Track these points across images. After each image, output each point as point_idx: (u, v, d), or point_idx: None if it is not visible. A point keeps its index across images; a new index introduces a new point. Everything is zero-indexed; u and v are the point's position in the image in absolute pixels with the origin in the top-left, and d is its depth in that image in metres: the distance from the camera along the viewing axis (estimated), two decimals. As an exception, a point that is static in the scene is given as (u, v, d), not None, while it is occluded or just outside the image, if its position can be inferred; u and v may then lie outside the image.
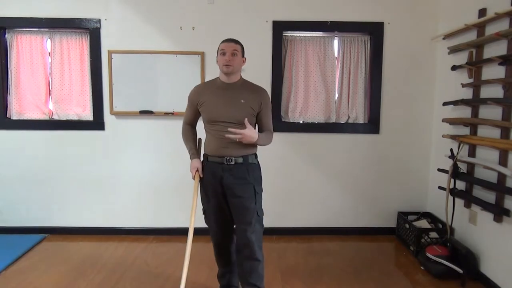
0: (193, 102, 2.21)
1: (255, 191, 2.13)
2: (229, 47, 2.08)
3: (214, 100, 2.12)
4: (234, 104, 2.10)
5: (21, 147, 3.36)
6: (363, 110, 3.46)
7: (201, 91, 2.19)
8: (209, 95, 2.15)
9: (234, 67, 2.09)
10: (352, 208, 3.51)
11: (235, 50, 2.08)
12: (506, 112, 2.40)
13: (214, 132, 2.12)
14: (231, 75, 2.13)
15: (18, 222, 3.43)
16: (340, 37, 3.38)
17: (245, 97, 2.12)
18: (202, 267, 2.83)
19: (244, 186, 2.11)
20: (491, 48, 2.59)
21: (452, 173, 2.80)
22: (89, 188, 3.42)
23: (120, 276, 2.70)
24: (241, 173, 2.11)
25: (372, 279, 2.70)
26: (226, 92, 2.13)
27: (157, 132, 3.38)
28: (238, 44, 2.12)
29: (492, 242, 2.55)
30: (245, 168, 2.12)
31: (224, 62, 2.07)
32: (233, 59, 2.07)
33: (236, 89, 2.14)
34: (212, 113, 2.11)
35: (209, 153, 2.17)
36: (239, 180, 2.10)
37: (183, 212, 3.46)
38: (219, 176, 2.11)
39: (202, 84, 2.30)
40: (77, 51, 3.35)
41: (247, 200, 2.10)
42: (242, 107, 2.10)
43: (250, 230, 2.11)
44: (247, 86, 2.19)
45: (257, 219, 2.14)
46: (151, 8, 3.27)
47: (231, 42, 2.10)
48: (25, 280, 2.63)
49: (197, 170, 2.14)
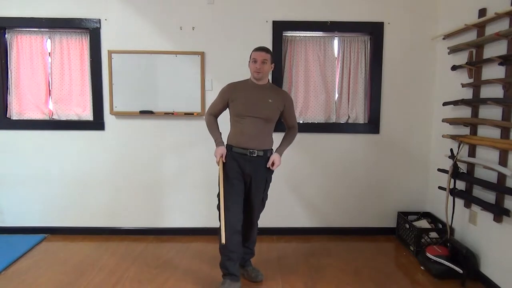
0: (225, 97, 2.48)
1: (267, 181, 2.52)
2: (260, 56, 2.38)
3: (247, 97, 2.43)
4: (263, 102, 2.42)
5: (21, 147, 3.36)
6: (363, 110, 3.46)
7: (235, 89, 2.48)
8: (242, 92, 2.44)
9: (264, 74, 2.42)
10: (352, 208, 3.51)
11: (265, 60, 2.38)
12: (506, 112, 2.40)
13: (241, 126, 2.41)
14: (260, 79, 2.45)
15: (18, 222, 3.43)
16: (340, 37, 3.39)
17: (272, 98, 2.45)
18: (202, 267, 2.84)
19: (260, 176, 2.47)
20: (491, 48, 2.59)
21: (452, 173, 2.80)
22: (89, 188, 3.42)
23: (120, 276, 2.70)
24: (260, 164, 2.45)
25: (372, 279, 2.70)
26: (257, 91, 2.45)
27: (157, 132, 3.38)
28: (268, 53, 2.40)
29: (492, 242, 2.55)
30: (264, 160, 2.46)
31: (255, 69, 2.40)
32: (262, 67, 2.39)
33: (265, 90, 2.46)
34: (244, 108, 2.41)
35: (234, 144, 2.44)
36: (257, 170, 2.44)
37: (183, 212, 3.47)
38: (242, 165, 2.42)
39: (236, 83, 2.53)
40: (77, 51, 3.35)
41: (259, 188, 2.48)
42: (270, 105, 2.43)
43: (256, 212, 2.55)
44: (274, 89, 2.53)
45: (261, 204, 2.56)
46: (151, 8, 3.27)
47: (262, 52, 2.39)
48: (25, 280, 2.63)
49: (221, 156, 2.41)
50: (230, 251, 2.43)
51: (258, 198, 2.50)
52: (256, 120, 2.39)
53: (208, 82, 3.32)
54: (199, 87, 3.31)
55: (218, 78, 3.30)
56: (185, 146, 3.41)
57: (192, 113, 3.32)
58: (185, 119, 3.37)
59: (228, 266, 2.45)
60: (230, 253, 2.44)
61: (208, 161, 3.34)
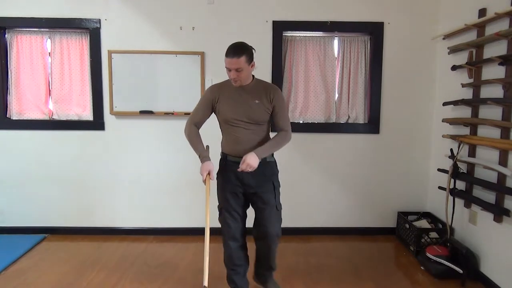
0: (210, 100, 2.22)
1: (274, 186, 2.25)
2: (233, 65, 2.04)
3: (230, 102, 2.17)
4: (249, 105, 2.16)
5: (21, 147, 3.36)
6: (363, 110, 3.46)
7: (219, 90, 2.22)
8: (226, 95, 2.19)
9: (242, 81, 2.13)
10: (352, 208, 3.51)
11: (238, 68, 2.04)
12: (506, 112, 2.40)
13: (231, 133, 2.19)
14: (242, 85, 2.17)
15: (18, 222, 3.43)
16: (340, 37, 3.39)
17: (259, 97, 2.17)
18: (202, 267, 2.82)
19: (264, 183, 2.22)
20: (491, 48, 2.59)
21: (452, 173, 2.80)
22: (89, 188, 3.42)
23: (120, 276, 2.70)
24: (260, 171, 2.16)
25: (372, 279, 2.70)
26: (241, 94, 2.17)
27: (157, 132, 3.38)
28: (241, 57, 2.02)
29: (492, 242, 2.55)
30: (263, 166, 2.19)
31: (231, 78, 2.11)
32: (239, 75, 2.07)
33: (249, 91, 2.18)
34: (229, 114, 2.16)
35: (228, 153, 2.24)
36: (258, 178, 2.19)
37: (183, 212, 3.47)
38: (239, 175, 2.17)
39: (218, 84, 2.28)
40: (77, 51, 3.35)
41: (267, 195, 2.22)
42: (257, 107, 2.16)
43: (271, 223, 2.22)
44: (260, 86, 2.22)
45: (276, 213, 2.25)
46: (151, 8, 3.27)
47: (234, 57, 2.02)
48: (26, 280, 2.63)
49: (208, 173, 2.12)
50: (235, 264, 2.32)
51: (269, 207, 2.22)
52: (246, 125, 2.15)
53: (208, 82, 3.31)
54: (199, 87, 3.31)
55: (218, 78, 3.24)
56: (184, 146, 3.38)
57: (192, 113, 3.31)
58: (185, 119, 3.29)
59: (236, 280, 2.34)
60: (236, 267, 2.32)
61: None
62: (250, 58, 2.09)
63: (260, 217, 2.25)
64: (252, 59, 2.11)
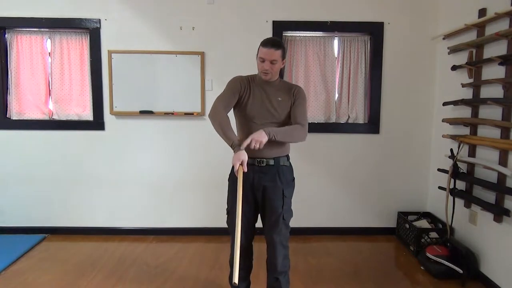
0: (238, 89, 2.09)
1: (284, 195, 2.09)
2: (269, 56, 1.98)
3: (256, 98, 2.09)
4: (272, 102, 2.08)
5: (21, 147, 3.36)
6: (363, 110, 3.46)
7: (248, 83, 2.12)
8: (253, 91, 2.10)
9: (273, 75, 2.06)
10: (352, 208, 3.51)
11: (274, 60, 1.99)
12: (506, 112, 2.40)
13: (251, 130, 2.03)
14: (270, 80, 2.10)
15: (18, 222, 3.43)
16: (340, 37, 3.39)
17: (282, 95, 2.10)
18: (202, 267, 2.84)
19: (274, 189, 2.08)
20: (491, 48, 2.59)
21: (452, 173, 2.80)
22: (89, 188, 3.42)
23: (120, 276, 2.70)
24: (272, 176, 2.07)
25: (372, 279, 2.70)
26: (266, 90, 2.10)
27: (157, 132, 3.38)
28: (278, 49, 1.99)
29: (492, 242, 2.55)
30: (276, 170, 2.09)
31: (262, 70, 2.03)
32: (271, 67, 2.01)
33: (274, 88, 2.12)
34: (252, 110, 2.07)
35: None
36: (269, 183, 2.07)
37: (183, 212, 3.47)
38: (250, 177, 2.05)
39: (245, 76, 2.17)
40: (77, 51, 3.35)
41: (275, 203, 2.08)
42: (279, 104, 2.09)
43: (276, 232, 2.09)
44: (284, 85, 2.17)
45: (282, 222, 2.10)
46: (151, 8, 3.27)
47: (271, 49, 1.97)
48: (25, 280, 2.63)
49: (241, 164, 1.93)
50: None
51: (275, 215, 2.07)
52: (266, 124, 2.05)
53: (208, 82, 3.31)
54: (199, 87, 3.31)
55: (218, 78, 3.30)
56: (184, 146, 3.40)
57: (192, 113, 3.32)
58: (185, 119, 3.36)
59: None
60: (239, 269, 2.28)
61: (207, 161, 3.35)
62: (284, 55, 2.06)
63: (264, 223, 2.15)
64: (285, 56, 2.09)
